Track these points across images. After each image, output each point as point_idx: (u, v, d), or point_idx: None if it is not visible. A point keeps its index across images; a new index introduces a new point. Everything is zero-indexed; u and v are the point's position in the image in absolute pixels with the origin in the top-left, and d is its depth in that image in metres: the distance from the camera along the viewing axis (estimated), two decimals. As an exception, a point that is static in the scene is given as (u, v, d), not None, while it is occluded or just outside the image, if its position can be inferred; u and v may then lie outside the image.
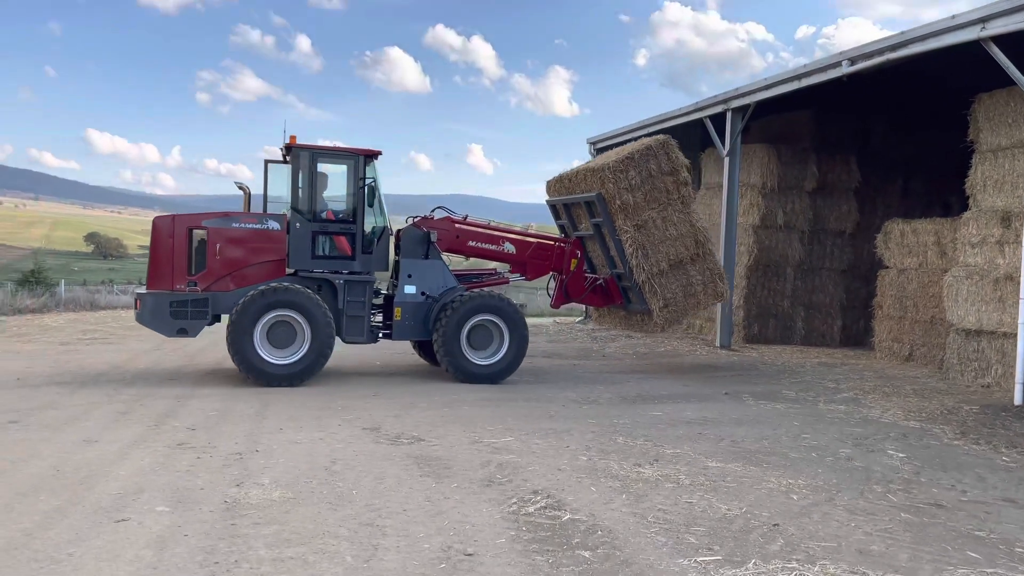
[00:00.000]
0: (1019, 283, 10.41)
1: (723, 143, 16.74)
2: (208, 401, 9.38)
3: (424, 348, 12.99)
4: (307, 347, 10.66)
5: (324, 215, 11.57)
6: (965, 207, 12.84)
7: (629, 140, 22.25)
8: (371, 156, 11.65)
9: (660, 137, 12.71)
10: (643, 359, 15.28)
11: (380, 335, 11.87)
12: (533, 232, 13.57)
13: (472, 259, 13.29)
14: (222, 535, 4.81)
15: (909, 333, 14.93)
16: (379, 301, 12.19)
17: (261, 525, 5.02)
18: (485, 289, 12.29)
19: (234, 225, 11.20)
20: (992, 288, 11.61)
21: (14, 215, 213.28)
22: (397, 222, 12.48)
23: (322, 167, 11.62)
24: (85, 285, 36.73)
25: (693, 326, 20.19)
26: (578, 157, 24.22)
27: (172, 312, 10.63)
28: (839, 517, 5.68)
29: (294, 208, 11.25)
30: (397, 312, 11.60)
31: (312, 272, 11.24)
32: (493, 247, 12.65)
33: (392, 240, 12.08)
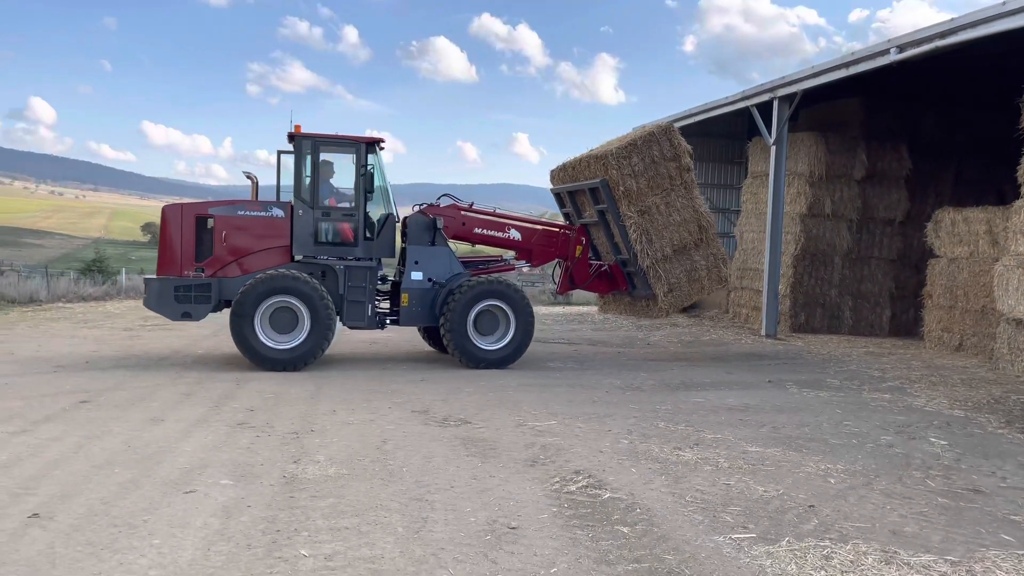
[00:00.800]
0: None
1: (769, 132, 16.64)
2: (265, 384, 9.76)
3: (431, 335, 13.16)
4: (307, 333, 10.83)
5: (327, 202, 11.63)
6: (1018, 195, 12.65)
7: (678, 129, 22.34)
8: (373, 144, 11.72)
9: (663, 123, 12.81)
10: (687, 347, 15.34)
11: (388, 321, 11.98)
12: (538, 219, 13.51)
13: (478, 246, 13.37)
14: (282, 506, 5.13)
15: (959, 323, 14.75)
16: (387, 288, 12.33)
17: (318, 498, 5.33)
18: (491, 275, 12.33)
19: (239, 213, 11.46)
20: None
21: (75, 206, 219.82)
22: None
23: (325, 155, 11.73)
24: (143, 274, 37.78)
25: (739, 315, 20.20)
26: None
27: (176, 297, 10.96)
28: (875, 500, 5.78)
29: (297, 196, 11.42)
30: (404, 298, 11.70)
31: (315, 259, 11.38)
32: (499, 234, 12.67)
33: (399, 227, 12.14)
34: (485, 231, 12.62)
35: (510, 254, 13.16)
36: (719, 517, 5.21)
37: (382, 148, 12.30)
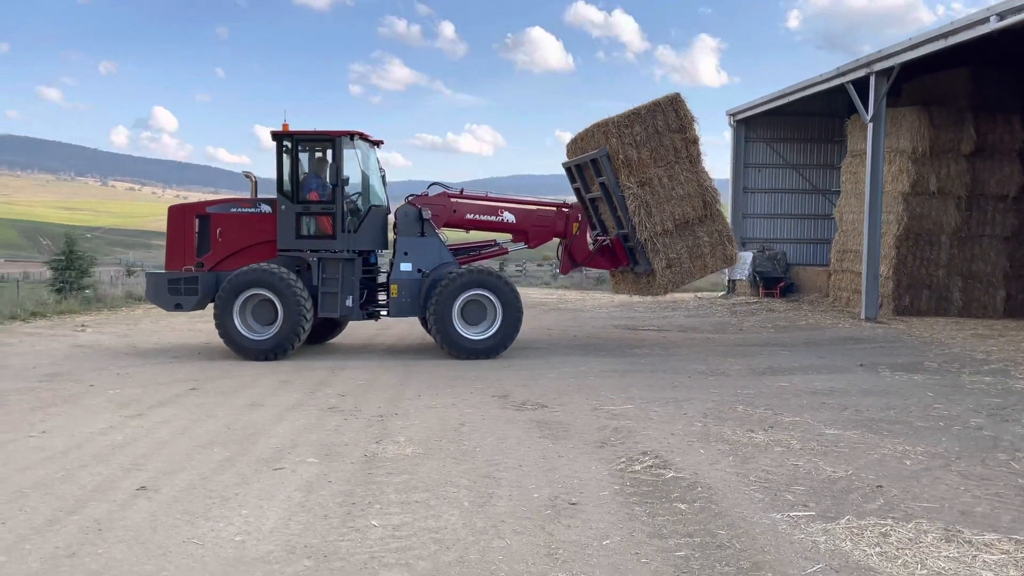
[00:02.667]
0: None
1: (866, 108, 16.13)
2: (357, 372, 10.29)
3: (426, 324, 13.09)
4: (280, 323, 11.13)
5: (308, 197, 11.70)
6: None
7: (771, 110, 21.87)
8: (350, 137, 11.73)
9: (670, 94, 12.24)
10: (781, 332, 15.07)
11: (383, 312, 12.13)
12: (533, 199, 13.08)
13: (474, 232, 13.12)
14: (360, 482, 5.52)
15: (1078, 304, 13.96)
16: (383, 280, 12.42)
17: (393, 475, 5.69)
18: (478, 264, 12.24)
19: (232, 210, 11.98)
20: None
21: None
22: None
23: (319, 153, 11.90)
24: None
25: (840, 299, 19.63)
26: (728, 129, 23.82)
27: (169, 289, 11.66)
28: (950, 481, 5.68)
29: (280, 191, 11.65)
30: (393, 289, 11.73)
31: (302, 252, 11.60)
32: (492, 218, 12.48)
33: (392, 220, 12.18)
34: (478, 216, 12.46)
35: (507, 237, 12.88)
36: (780, 496, 5.27)
37: (379, 144, 12.63)
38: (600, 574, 3.99)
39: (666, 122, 12.02)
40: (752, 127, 23.71)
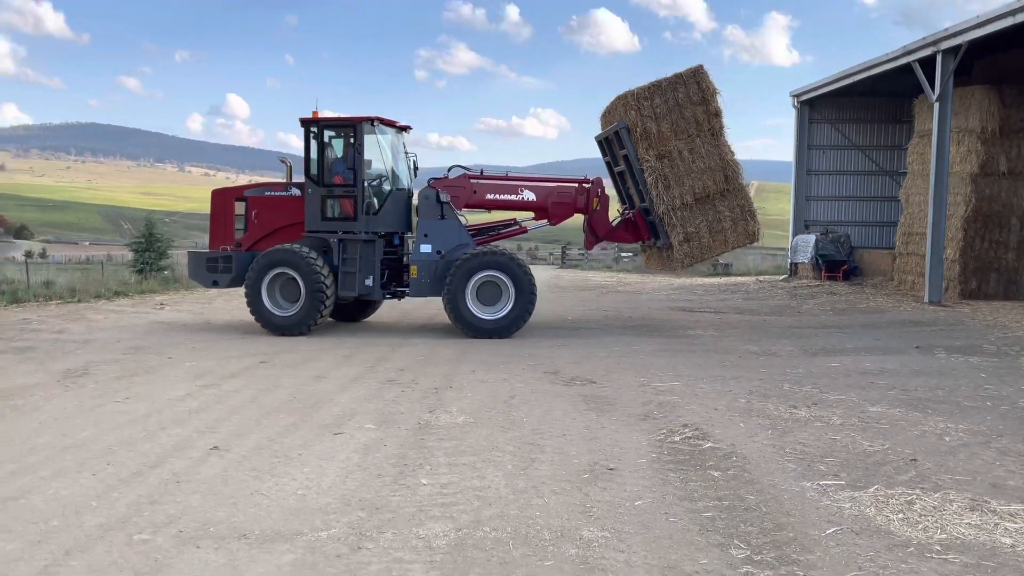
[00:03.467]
0: None
1: (933, 88, 15.84)
2: (416, 348, 10.72)
3: None
4: (302, 301, 11.61)
5: (334, 180, 12.01)
6: None
7: (836, 91, 21.53)
8: (370, 122, 11.96)
9: (694, 66, 12.03)
10: (840, 315, 15.02)
11: (407, 293, 12.34)
12: (553, 177, 13.02)
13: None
14: (412, 446, 5.89)
15: None
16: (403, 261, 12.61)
17: (444, 441, 6.06)
18: (494, 245, 12.25)
19: (266, 194, 12.54)
20: None
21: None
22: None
23: (334, 134, 12.20)
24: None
25: (905, 282, 19.32)
26: (792, 110, 23.51)
27: (207, 267, 12.34)
28: (986, 456, 5.75)
29: (307, 175, 12.06)
30: (413, 270, 11.94)
31: (326, 233, 12.01)
32: (512, 197, 12.45)
33: (420, 205, 12.25)
34: (498, 195, 12.50)
35: (529, 216, 12.87)
36: (813, 467, 5.43)
37: (406, 129, 12.94)
38: (629, 530, 4.27)
39: (687, 95, 11.86)
40: (817, 108, 23.39)
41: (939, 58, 15.60)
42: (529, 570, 3.77)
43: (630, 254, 34.59)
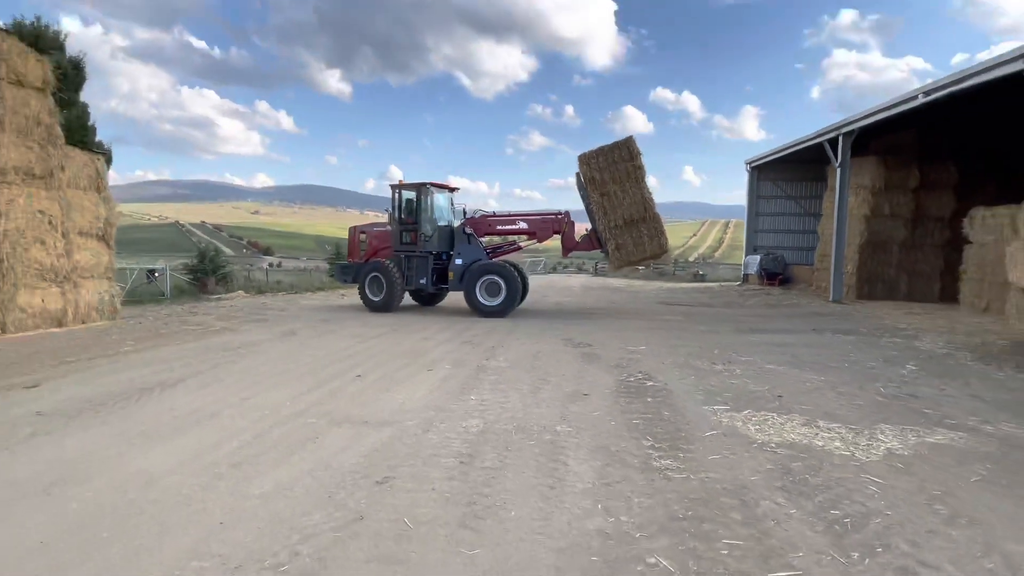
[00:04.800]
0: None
1: (836, 158, 15.46)
2: (485, 324, 11.08)
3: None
4: (385, 292, 12.43)
5: (406, 221, 12.57)
6: (1029, 195, 10.94)
7: (776, 159, 21.03)
8: (424, 186, 12.53)
9: (626, 137, 11.81)
10: (769, 308, 14.70)
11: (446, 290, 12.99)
12: (538, 212, 12.87)
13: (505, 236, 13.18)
14: (470, 379, 6.34)
15: (987, 292, 12.88)
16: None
17: (490, 376, 6.47)
18: (501, 259, 12.54)
19: (374, 229, 13.53)
20: (1041, 256, 9.91)
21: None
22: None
23: (408, 194, 12.68)
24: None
25: (820, 288, 18.72)
26: (746, 173, 23.04)
27: (341, 271, 13.37)
28: (829, 396, 5.73)
29: (393, 217, 12.74)
30: (450, 275, 12.48)
31: (400, 253, 12.66)
32: (513, 227, 12.63)
33: (456, 235, 12.68)
34: (504, 226, 12.73)
35: (524, 237, 12.94)
36: (712, 398, 5.60)
37: (454, 190, 13.35)
38: (584, 428, 4.67)
39: (621, 155, 11.67)
40: (763, 171, 22.87)
41: (840, 139, 15.23)
42: (520, 446, 4.24)
43: (642, 268, 34.20)
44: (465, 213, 13.38)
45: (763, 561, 2.71)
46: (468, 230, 12.62)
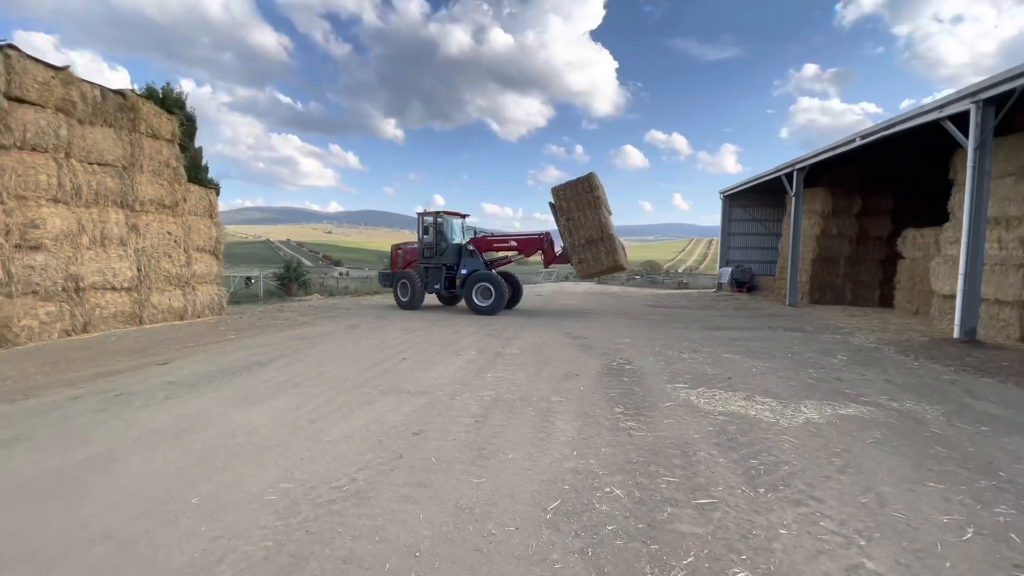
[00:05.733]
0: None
1: (791, 189, 15.39)
2: (507, 319, 11.27)
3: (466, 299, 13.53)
4: (410, 294, 12.89)
5: (426, 240, 13.01)
6: (948, 219, 10.83)
7: (744, 189, 20.91)
8: (438, 214, 12.86)
9: (588, 173, 11.68)
10: (737, 311, 14.44)
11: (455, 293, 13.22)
12: (525, 232, 12.83)
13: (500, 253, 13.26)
14: (489, 361, 6.56)
15: (917, 298, 12.75)
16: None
17: (504, 360, 6.69)
18: (497, 270, 12.86)
19: (406, 246, 13.95)
20: (955, 268, 9.83)
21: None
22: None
23: (428, 219, 13.07)
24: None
25: (781, 294, 18.49)
26: (719, 200, 22.90)
27: (382, 278, 13.91)
28: (770, 378, 5.79)
29: (421, 239, 13.18)
30: (458, 282, 12.79)
31: (422, 264, 13.06)
32: (506, 244, 12.75)
33: (463, 251, 12.87)
34: (499, 244, 12.90)
35: (514, 253, 12.98)
36: (675, 378, 5.74)
37: (464, 216, 13.54)
38: (572, 398, 4.91)
39: (583, 187, 11.60)
40: (734, 198, 22.69)
41: (795, 174, 15.13)
42: (521, 410, 4.53)
43: (638, 277, 33.93)
44: (476, 233, 13.77)
45: (690, 492, 2.98)
46: (471, 247, 12.93)
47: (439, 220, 12.98)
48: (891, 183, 16.06)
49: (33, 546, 2.36)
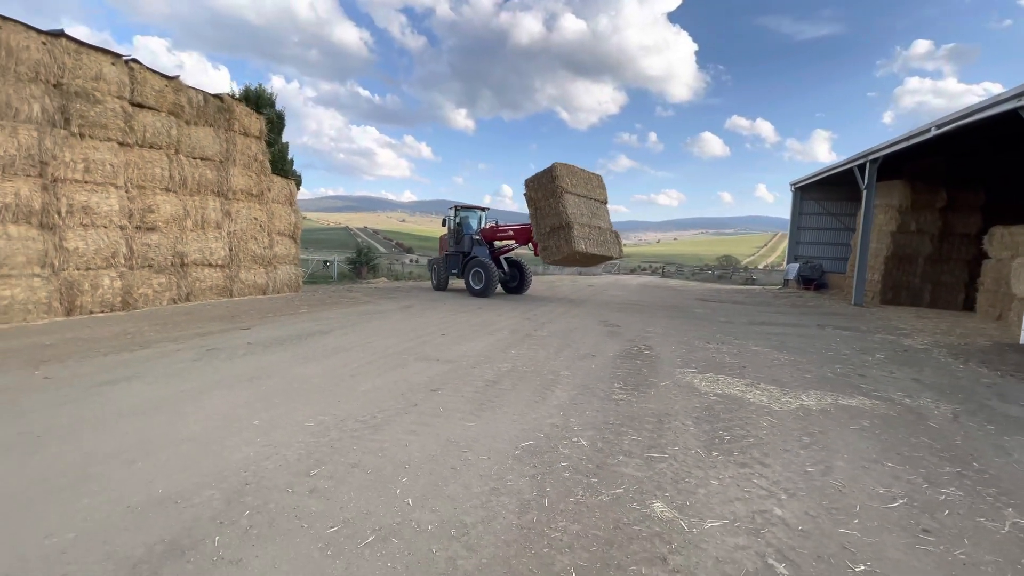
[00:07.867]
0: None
1: (863, 182, 14.45)
2: (549, 306, 11.67)
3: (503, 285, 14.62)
4: (438, 275, 14.13)
5: (453, 232, 14.19)
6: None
7: (816, 181, 19.75)
8: (460, 207, 14.30)
9: (552, 165, 11.72)
10: (794, 307, 13.68)
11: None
12: (522, 224, 13.30)
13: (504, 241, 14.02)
14: (518, 341, 7.11)
15: (1000, 302, 11.64)
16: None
17: (533, 340, 7.20)
18: (481, 257, 13.58)
19: (444, 237, 14.87)
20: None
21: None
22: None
23: (461, 213, 14.47)
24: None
25: (849, 293, 17.40)
26: (790, 192, 21.75)
27: (429, 263, 14.91)
28: (786, 370, 5.69)
29: (449, 230, 14.37)
30: (470, 267, 13.54)
31: (451, 252, 14.12)
32: (506, 234, 13.55)
33: (474, 240, 13.83)
34: (500, 235, 13.76)
35: (513, 243, 13.76)
36: (688, 364, 5.91)
37: (485, 209, 14.59)
38: (581, 374, 5.39)
39: (547, 178, 11.82)
40: (805, 190, 21.46)
41: (868, 166, 14.18)
42: (530, 380, 5.12)
43: (709, 271, 32.69)
44: (497, 223, 14.62)
45: (647, 448, 3.45)
46: (477, 236, 14.04)
47: (461, 213, 14.51)
48: (984, 175, 14.53)
49: (143, 441, 3.36)
